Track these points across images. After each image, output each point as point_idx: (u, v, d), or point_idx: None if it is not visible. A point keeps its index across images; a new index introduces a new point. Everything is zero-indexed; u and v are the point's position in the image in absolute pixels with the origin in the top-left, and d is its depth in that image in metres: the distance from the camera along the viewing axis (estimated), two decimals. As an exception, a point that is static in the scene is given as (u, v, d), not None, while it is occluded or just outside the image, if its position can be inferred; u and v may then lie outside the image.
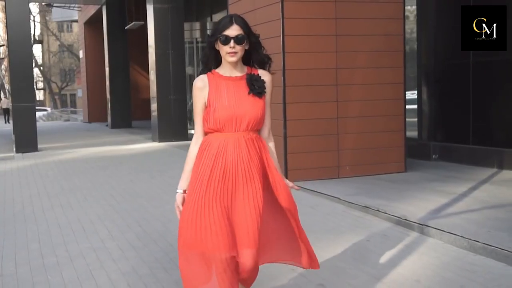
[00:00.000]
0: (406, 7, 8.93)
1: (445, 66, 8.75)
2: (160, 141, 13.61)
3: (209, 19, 16.67)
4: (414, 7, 9.18)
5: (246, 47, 2.68)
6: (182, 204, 2.71)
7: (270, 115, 2.82)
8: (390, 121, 7.44)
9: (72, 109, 43.50)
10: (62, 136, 17.36)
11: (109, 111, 20.15)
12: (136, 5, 17.78)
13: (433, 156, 8.60)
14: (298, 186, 2.94)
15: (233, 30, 2.59)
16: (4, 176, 9.29)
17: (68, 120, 30.61)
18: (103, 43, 20.19)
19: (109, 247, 4.81)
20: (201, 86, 2.68)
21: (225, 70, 2.70)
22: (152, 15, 13.73)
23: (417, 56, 9.06)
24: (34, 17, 47.39)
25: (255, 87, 2.66)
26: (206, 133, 2.73)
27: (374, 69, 7.33)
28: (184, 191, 2.73)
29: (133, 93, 20.79)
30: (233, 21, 2.62)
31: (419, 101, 9.05)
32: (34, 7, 46.02)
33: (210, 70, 2.72)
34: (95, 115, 23.74)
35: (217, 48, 2.66)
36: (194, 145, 2.75)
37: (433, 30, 8.97)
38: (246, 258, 2.60)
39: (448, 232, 4.54)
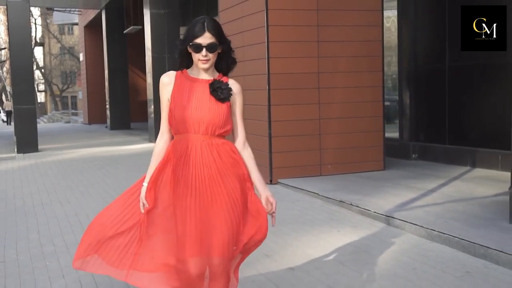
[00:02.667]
0: (388, 15, 9.42)
1: (423, 70, 9.19)
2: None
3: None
4: (395, 12, 9.61)
5: (219, 51, 2.65)
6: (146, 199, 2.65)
7: (244, 126, 2.77)
8: (370, 122, 7.88)
9: (73, 111, 43.92)
10: (62, 137, 17.82)
11: (108, 113, 20.62)
12: (134, 10, 18.23)
13: (413, 155, 9.05)
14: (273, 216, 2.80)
15: (206, 38, 2.54)
16: (6, 174, 9.76)
17: (68, 122, 31.03)
18: (103, 46, 20.69)
19: (102, 237, 5.25)
20: (166, 82, 2.68)
21: (194, 71, 2.69)
22: (149, 20, 14.20)
23: (398, 61, 9.50)
24: (35, 20, 47.85)
25: (218, 93, 2.61)
26: (173, 134, 2.71)
27: (354, 73, 7.77)
28: None
29: (131, 96, 21.24)
30: (205, 28, 2.55)
31: (400, 103, 9.50)
32: (35, 10, 46.49)
33: (181, 69, 2.72)
34: (95, 116, 24.19)
35: (190, 51, 2.63)
36: (159, 140, 2.75)
37: (413, 36, 9.40)
38: (215, 266, 2.61)
39: (410, 223, 4.99)
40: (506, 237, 4.33)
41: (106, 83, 20.51)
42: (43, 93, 57.01)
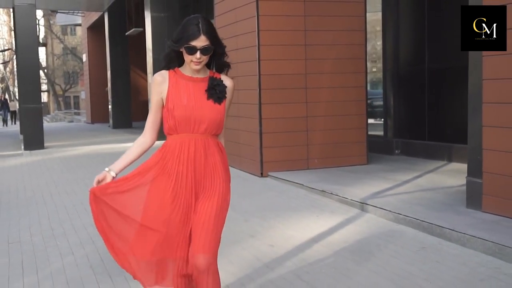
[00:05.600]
0: (374, 19, 10.02)
1: (405, 72, 9.81)
2: (157, 140, 14.65)
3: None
4: (380, 17, 10.22)
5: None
6: (100, 181, 2.77)
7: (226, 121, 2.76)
8: (354, 119, 8.49)
9: (76, 110, 44.51)
10: (66, 136, 18.45)
11: (110, 112, 21.26)
12: (136, 13, 18.85)
13: (396, 151, 9.66)
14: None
15: (201, 41, 2.52)
16: (15, 169, 10.39)
17: (72, 121, 31.60)
18: (105, 47, 21.33)
19: (106, 222, 5.86)
20: (160, 80, 2.64)
21: (187, 70, 2.66)
22: (150, 23, 14.83)
23: (382, 63, 10.12)
24: (38, 20, 48.41)
25: (216, 91, 2.63)
26: (166, 134, 2.71)
27: (339, 74, 8.37)
28: (113, 174, 2.77)
29: (133, 95, 21.82)
30: (201, 31, 2.52)
31: (384, 102, 10.11)
32: (38, 11, 47.08)
33: (172, 68, 2.69)
34: (98, 116, 24.80)
35: (181, 51, 2.60)
36: (141, 136, 2.78)
37: (396, 40, 9.99)
38: (200, 261, 2.61)
39: (380, 208, 5.61)
40: (459, 219, 4.95)
41: (109, 83, 21.14)
42: (46, 93, 57.53)
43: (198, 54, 2.54)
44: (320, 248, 4.69)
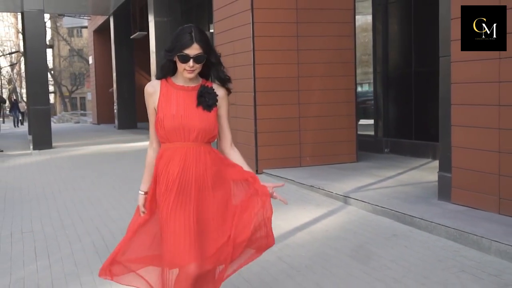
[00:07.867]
0: (364, 22, 10.51)
1: (394, 75, 10.31)
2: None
3: (206, 28, 18.27)
4: (370, 24, 10.73)
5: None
6: (144, 205, 2.80)
7: (229, 128, 2.79)
8: (344, 120, 8.99)
9: (82, 111, 45.16)
10: (73, 136, 19.05)
11: (116, 113, 21.84)
12: (140, 17, 19.41)
13: (385, 149, 10.17)
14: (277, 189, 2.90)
15: (193, 49, 2.54)
16: (25, 167, 10.96)
17: (78, 122, 32.19)
18: (111, 50, 21.92)
19: (111, 214, 6.40)
20: (151, 91, 2.68)
21: (179, 79, 2.68)
22: (153, 27, 15.39)
23: (372, 66, 10.62)
24: (45, 23, 49.03)
25: (206, 99, 2.63)
26: (161, 142, 2.71)
27: (329, 77, 8.88)
28: (145, 193, 2.79)
29: (138, 97, 22.38)
30: (194, 39, 2.54)
31: (374, 103, 10.61)
32: (46, 14, 47.70)
33: (165, 77, 2.70)
34: (104, 117, 25.40)
35: (174, 60, 2.62)
36: (150, 150, 2.79)
37: (385, 45, 10.47)
38: (205, 272, 2.64)
39: (361, 201, 6.12)
40: (430, 209, 5.46)
41: (114, 85, 21.74)
42: (53, 94, 58.15)
43: (191, 62, 2.56)
44: (302, 235, 5.21)
